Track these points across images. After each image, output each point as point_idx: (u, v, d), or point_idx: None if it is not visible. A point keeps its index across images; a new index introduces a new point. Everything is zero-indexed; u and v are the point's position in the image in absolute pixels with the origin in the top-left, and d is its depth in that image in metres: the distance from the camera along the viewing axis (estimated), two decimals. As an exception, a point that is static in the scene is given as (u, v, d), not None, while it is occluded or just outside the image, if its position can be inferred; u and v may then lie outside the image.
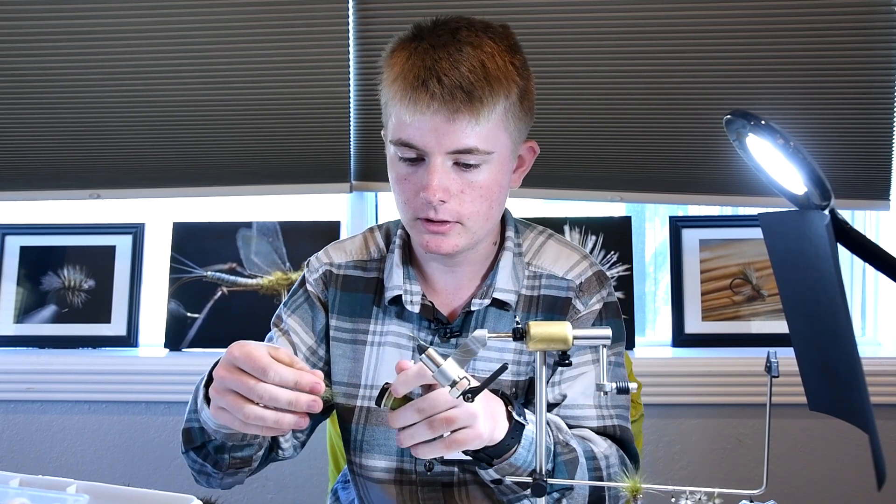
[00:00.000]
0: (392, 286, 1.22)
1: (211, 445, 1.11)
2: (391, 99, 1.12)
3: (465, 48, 1.09)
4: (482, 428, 0.98)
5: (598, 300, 1.24)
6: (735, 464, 2.05)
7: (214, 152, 2.09)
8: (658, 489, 0.92)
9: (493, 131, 1.10)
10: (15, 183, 2.14)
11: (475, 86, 1.07)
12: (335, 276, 1.27)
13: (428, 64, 1.08)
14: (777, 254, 0.92)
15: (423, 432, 0.96)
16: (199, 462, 1.14)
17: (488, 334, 0.94)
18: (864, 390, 0.79)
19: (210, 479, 1.18)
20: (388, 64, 1.15)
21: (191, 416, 1.12)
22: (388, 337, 1.23)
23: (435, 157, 1.09)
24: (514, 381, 1.21)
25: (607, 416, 1.22)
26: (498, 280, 1.21)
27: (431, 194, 1.09)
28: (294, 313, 1.28)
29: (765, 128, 0.84)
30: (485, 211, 1.14)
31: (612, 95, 1.99)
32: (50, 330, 2.13)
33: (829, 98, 1.96)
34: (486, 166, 1.12)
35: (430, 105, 1.07)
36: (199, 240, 2.13)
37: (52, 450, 2.15)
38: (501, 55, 1.11)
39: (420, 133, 1.09)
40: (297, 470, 2.11)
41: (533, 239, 1.28)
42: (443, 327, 1.21)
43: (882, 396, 1.98)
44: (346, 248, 1.30)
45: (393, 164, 1.15)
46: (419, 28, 1.15)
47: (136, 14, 2.03)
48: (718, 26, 1.95)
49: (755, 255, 2.05)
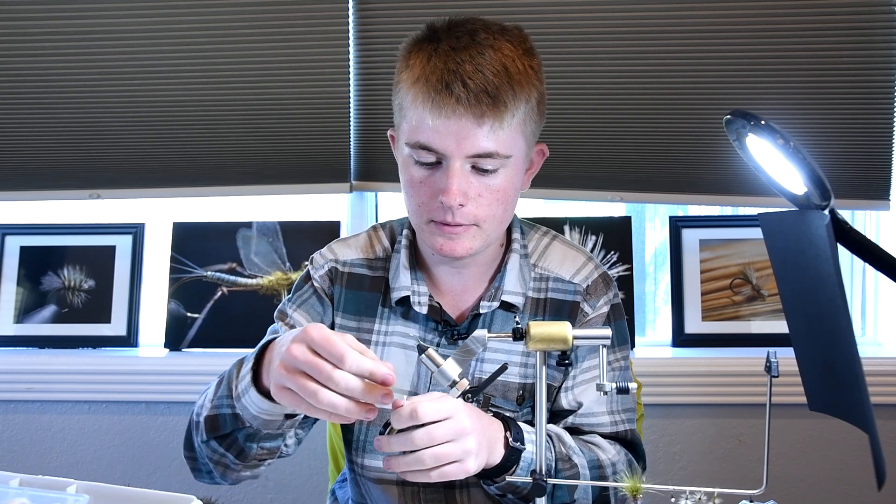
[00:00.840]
0: (399, 287, 1.22)
1: (242, 433, 1.08)
2: (411, 101, 1.10)
3: (487, 51, 1.08)
4: (471, 465, 0.98)
5: (606, 302, 1.24)
6: (735, 464, 2.05)
7: (214, 152, 2.09)
8: (658, 489, 0.92)
9: (511, 136, 1.10)
10: (15, 183, 2.14)
11: (500, 90, 1.06)
12: (340, 274, 1.27)
13: (451, 66, 1.07)
14: (777, 254, 0.92)
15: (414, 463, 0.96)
16: (221, 452, 1.11)
17: (488, 334, 0.95)
18: (864, 390, 0.79)
19: (226, 471, 1.14)
20: (405, 65, 1.12)
21: (221, 403, 1.08)
22: (393, 337, 1.23)
23: (454, 161, 1.09)
24: (521, 384, 1.21)
25: (619, 420, 1.23)
26: (506, 282, 1.21)
27: (451, 199, 1.09)
28: (301, 308, 1.26)
29: (765, 128, 0.84)
30: (500, 214, 1.14)
31: (612, 95, 1.99)
32: (50, 330, 2.13)
33: (829, 98, 1.96)
34: (503, 170, 1.11)
35: (455, 109, 1.06)
36: (199, 240, 2.13)
37: (52, 450, 2.15)
38: (521, 59, 1.10)
39: (440, 136, 1.08)
40: (297, 470, 2.11)
41: (538, 240, 1.28)
42: (450, 329, 1.21)
43: (882, 396, 1.98)
44: (351, 246, 1.29)
45: (406, 165, 1.14)
46: (434, 28, 1.13)
47: (136, 14, 2.03)
48: (718, 26, 1.95)
49: (755, 255, 2.05)
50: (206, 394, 1.15)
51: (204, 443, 1.12)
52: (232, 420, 1.07)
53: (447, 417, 0.96)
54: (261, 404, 1.01)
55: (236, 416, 1.06)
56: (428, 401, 0.97)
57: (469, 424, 0.98)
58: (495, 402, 1.19)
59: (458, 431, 0.97)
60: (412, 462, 0.96)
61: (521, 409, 1.20)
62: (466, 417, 0.98)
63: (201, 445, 1.13)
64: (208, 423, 1.10)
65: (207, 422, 1.10)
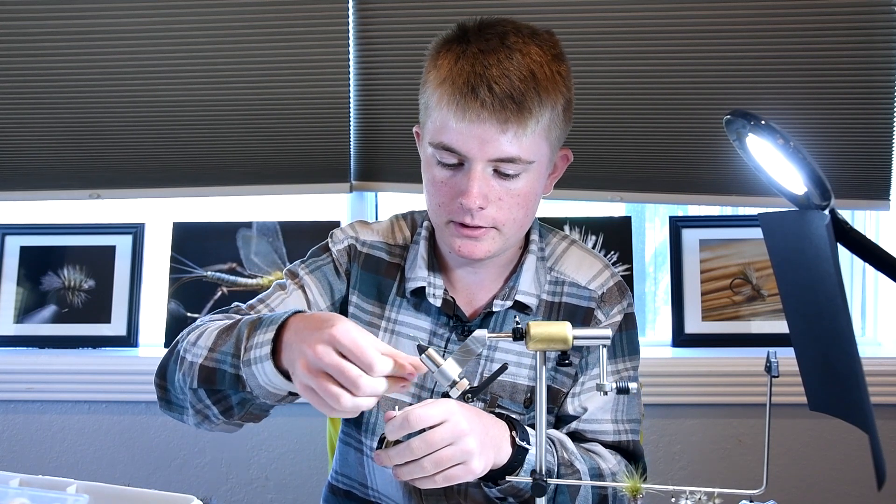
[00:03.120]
0: (415, 277, 1.22)
1: (237, 396, 1.04)
2: (436, 102, 1.10)
3: (515, 55, 1.07)
4: (476, 465, 0.98)
5: (619, 311, 1.25)
6: (735, 464, 2.05)
7: (214, 152, 2.09)
8: (658, 489, 0.92)
9: (535, 141, 1.10)
10: (15, 183, 2.14)
11: (525, 96, 1.06)
12: (359, 253, 1.27)
13: (478, 70, 1.06)
14: (777, 254, 0.92)
15: (417, 470, 0.96)
16: (206, 403, 1.06)
17: (488, 334, 0.95)
18: (864, 390, 0.79)
19: (203, 420, 1.09)
20: (433, 65, 1.12)
21: (223, 359, 1.03)
22: (402, 327, 1.23)
23: (476, 164, 1.08)
24: (529, 387, 1.20)
25: (623, 430, 1.22)
26: (521, 283, 1.21)
27: (471, 201, 1.09)
28: (313, 273, 1.25)
29: (765, 128, 0.84)
30: (521, 218, 1.14)
31: (612, 95, 1.99)
32: (50, 330, 2.13)
33: (829, 98, 1.96)
34: (525, 175, 1.11)
35: (479, 114, 1.06)
36: (199, 240, 2.13)
37: (52, 450, 2.15)
38: (549, 64, 1.10)
39: (464, 139, 1.08)
40: (297, 470, 2.11)
41: (556, 244, 1.28)
42: (461, 325, 1.21)
43: (882, 396, 1.98)
44: (374, 229, 1.29)
45: (429, 165, 1.14)
46: (464, 29, 1.12)
47: (136, 14, 2.03)
48: (718, 26, 1.95)
49: (755, 255, 2.05)
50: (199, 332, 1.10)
51: (191, 389, 1.06)
52: (232, 380, 1.02)
53: (442, 421, 0.96)
54: (274, 379, 0.98)
55: (238, 378, 1.01)
56: (420, 407, 0.96)
57: (466, 425, 0.97)
58: (502, 404, 1.19)
59: (455, 434, 0.96)
60: (414, 470, 0.96)
61: (528, 411, 1.20)
62: (463, 418, 0.98)
63: (183, 386, 1.08)
64: (202, 373, 1.05)
65: (202, 371, 1.05)
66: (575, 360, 1.21)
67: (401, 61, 2.02)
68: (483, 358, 1.21)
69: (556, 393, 1.21)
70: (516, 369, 1.20)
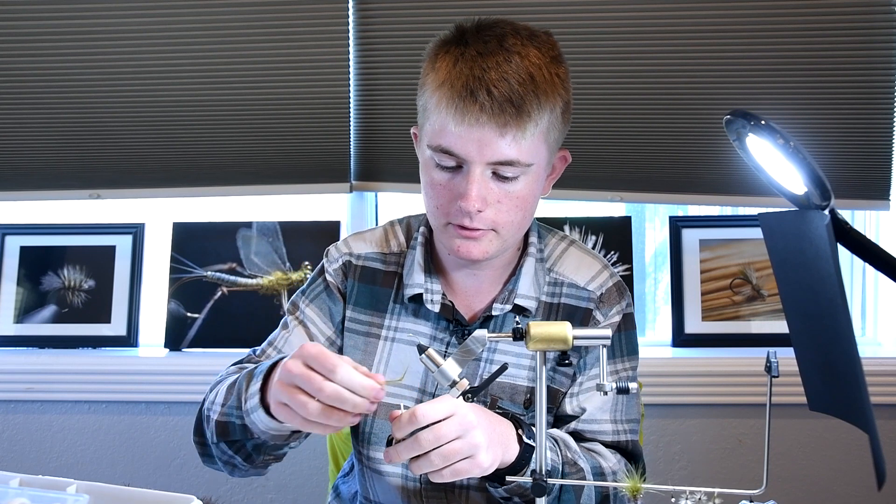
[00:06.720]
0: (413, 283, 1.22)
1: (250, 443, 1.11)
2: (435, 105, 1.10)
3: (514, 58, 1.07)
4: (484, 458, 0.98)
5: (618, 312, 1.24)
6: (735, 464, 2.05)
7: (214, 152, 2.09)
8: (658, 489, 0.92)
9: (534, 144, 1.09)
10: (15, 183, 2.14)
11: (524, 99, 1.06)
12: (354, 267, 1.27)
13: (477, 73, 1.06)
14: (777, 254, 0.92)
15: (426, 465, 0.96)
16: (230, 454, 1.14)
17: (488, 334, 0.95)
18: (864, 390, 0.79)
19: (234, 469, 1.18)
20: (431, 67, 1.12)
21: (230, 412, 1.11)
22: (402, 333, 1.23)
23: (475, 167, 1.08)
24: (529, 387, 1.20)
25: (622, 430, 1.22)
26: (520, 286, 1.21)
27: (470, 204, 1.08)
28: (312, 302, 1.27)
29: (765, 128, 0.84)
30: (519, 220, 1.14)
31: (611, 95, 1.99)
32: (50, 330, 2.13)
33: (829, 98, 1.96)
34: (524, 177, 1.11)
35: (478, 118, 1.05)
36: (199, 240, 2.13)
37: (52, 450, 2.15)
38: (548, 67, 1.09)
39: (462, 142, 1.07)
40: (297, 470, 2.11)
41: (555, 245, 1.28)
42: (461, 329, 1.21)
43: (882, 396, 1.98)
44: (367, 239, 1.29)
45: (427, 167, 1.14)
46: (462, 30, 1.12)
47: (136, 14, 2.03)
48: (718, 26, 1.95)
49: (755, 255, 2.05)
50: (217, 389, 1.17)
51: (214, 443, 1.15)
52: (241, 430, 1.10)
53: (450, 415, 0.96)
54: (268, 423, 1.04)
55: (245, 427, 1.09)
56: (426, 403, 0.97)
57: (474, 418, 0.97)
58: (502, 405, 1.19)
59: (463, 427, 0.96)
60: (423, 465, 0.96)
61: (528, 412, 1.20)
62: (470, 412, 0.98)
63: (213, 446, 1.16)
64: (219, 428, 1.12)
65: (218, 426, 1.13)
66: (574, 361, 1.21)
67: (401, 61, 2.02)
68: (482, 360, 1.21)
69: (554, 393, 1.21)
70: (515, 370, 1.20)
